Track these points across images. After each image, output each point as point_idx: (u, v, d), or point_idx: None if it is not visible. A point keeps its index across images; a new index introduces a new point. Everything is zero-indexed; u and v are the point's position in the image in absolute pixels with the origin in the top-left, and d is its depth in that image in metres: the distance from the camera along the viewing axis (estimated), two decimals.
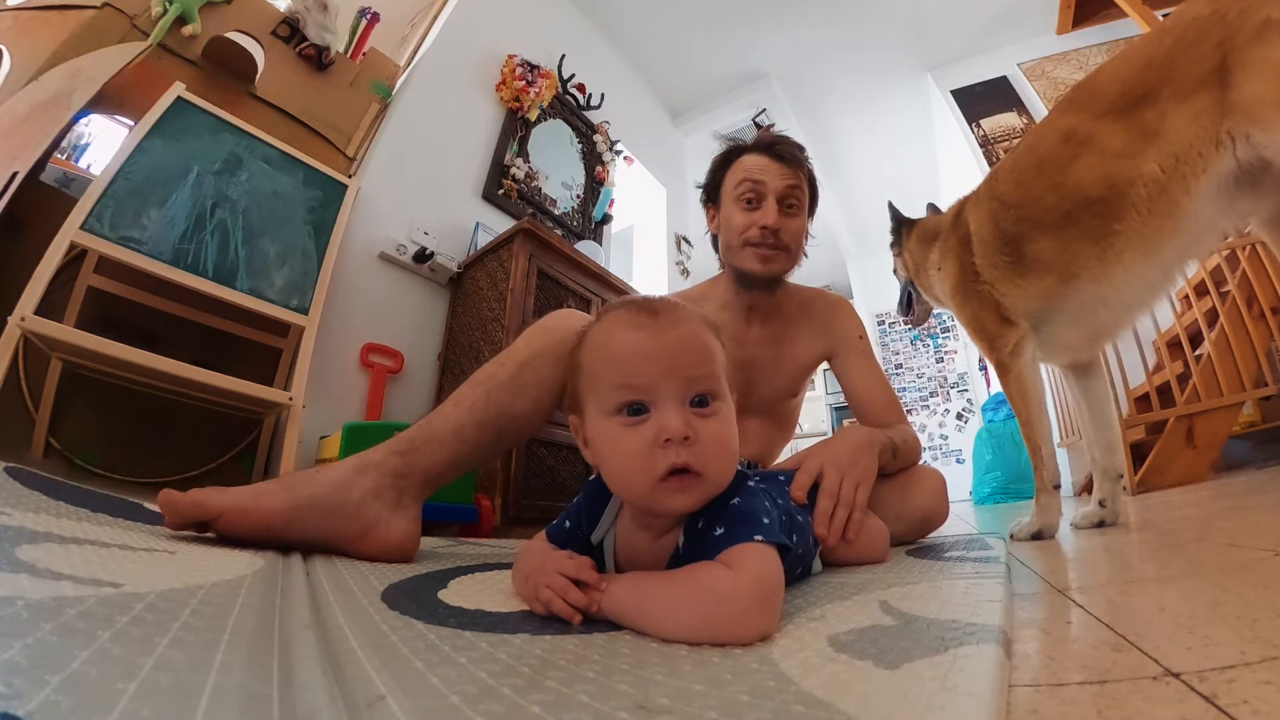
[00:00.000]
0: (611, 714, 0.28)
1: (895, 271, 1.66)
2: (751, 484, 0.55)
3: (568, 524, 0.63)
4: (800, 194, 1.19)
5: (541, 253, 2.35)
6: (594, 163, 3.61)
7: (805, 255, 1.32)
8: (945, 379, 6.01)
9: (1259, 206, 1.02)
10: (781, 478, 0.81)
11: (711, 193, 1.27)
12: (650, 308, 0.55)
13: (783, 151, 1.18)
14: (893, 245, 1.65)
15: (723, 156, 1.25)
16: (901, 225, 1.62)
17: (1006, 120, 3.84)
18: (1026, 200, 1.18)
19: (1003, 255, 1.20)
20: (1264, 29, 0.91)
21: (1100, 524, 1.22)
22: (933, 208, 1.66)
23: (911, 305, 1.65)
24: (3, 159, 1.64)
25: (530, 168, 3.13)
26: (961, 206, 1.36)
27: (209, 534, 0.74)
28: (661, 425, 0.50)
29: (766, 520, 0.50)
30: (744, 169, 1.19)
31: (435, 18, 3.12)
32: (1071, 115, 1.15)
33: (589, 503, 0.62)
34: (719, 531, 0.49)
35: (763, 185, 1.16)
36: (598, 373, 0.54)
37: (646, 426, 0.51)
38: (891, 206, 1.69)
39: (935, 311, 1.67)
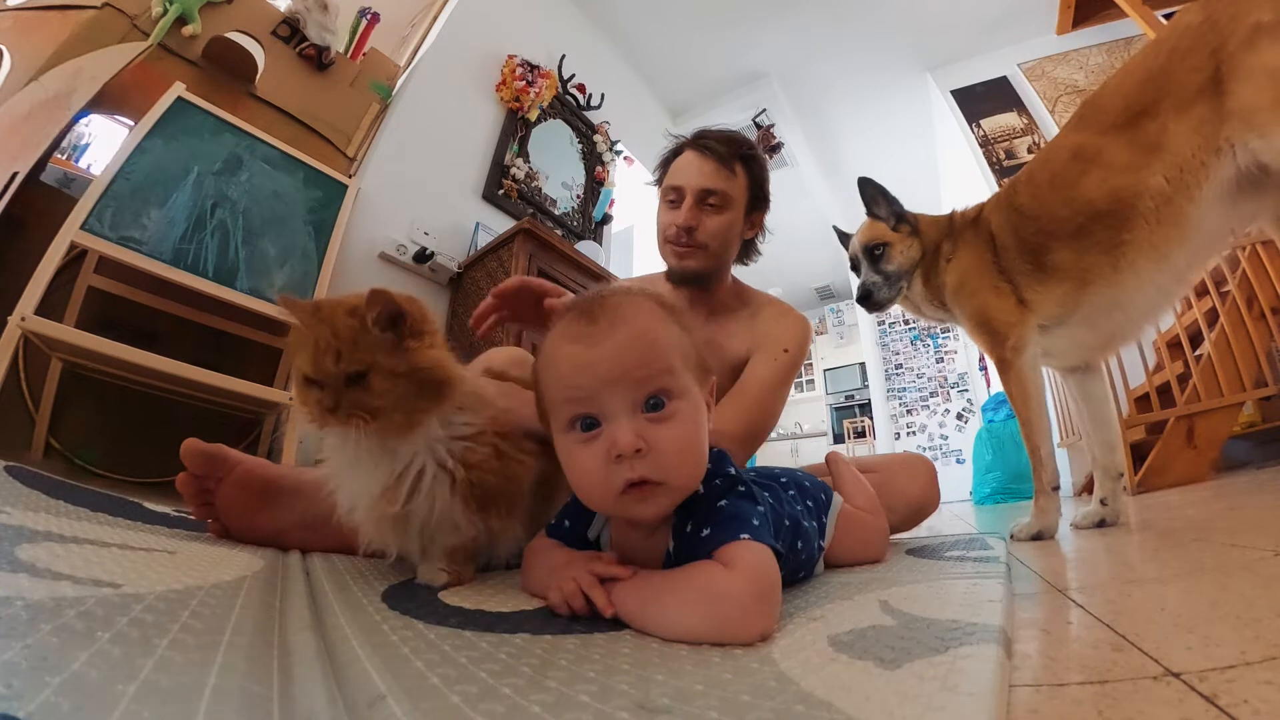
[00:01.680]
0: (612, 714, 0.28)
1: (880, 248, 1.41)
2: (742, 488, 0.54)
3: (567, 523, 0.63)
4: (724, 194, 1.18)
5: (542, 253, 2.36)
6: (594, 163, 3.61)
7: (759, 252, 1.34)
8: (945, 379, 6.00)
9: (1264, 208, 1.03)
10: (808, 484, 0.81)
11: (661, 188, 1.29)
12: (590, 313, 0.52)
13: (709, 147, 1.18)
14: (897, 225, 1.42)
15: (665, 156, 1.27)
16: (904, 210, 1.45)
17: (1007, 120, 3.83)
18: (1043, 214, 1.20)
19: (1025, 263, 1.23)
20: (1254, 34, 0.93)
21: (1101, 523, 1.22)
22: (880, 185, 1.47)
23: (891, 289, 1.42)
24: (3, 159, 1.64)
25: (530, 168, 3.13)
26: (981, 209, 1.36)
27: (210, 519, 0.78)
28: (611, 441, 0.48)
29: (756, 522, 0.50)
30: (672, 171, 1.22)
31: (435, 18, 3.12)
32: (1080, 132, 1.18)
33: (579, 503, 0.62)
34: (706, 532, 0.49)
35: (682, 186, 1.18)
36: (546, 390, 0.54)
37: (599, 442, 0.49)
38: (872, 182, 1.46)
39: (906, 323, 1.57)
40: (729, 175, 1.18)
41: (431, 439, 0.62)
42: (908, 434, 6.04)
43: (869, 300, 1.44)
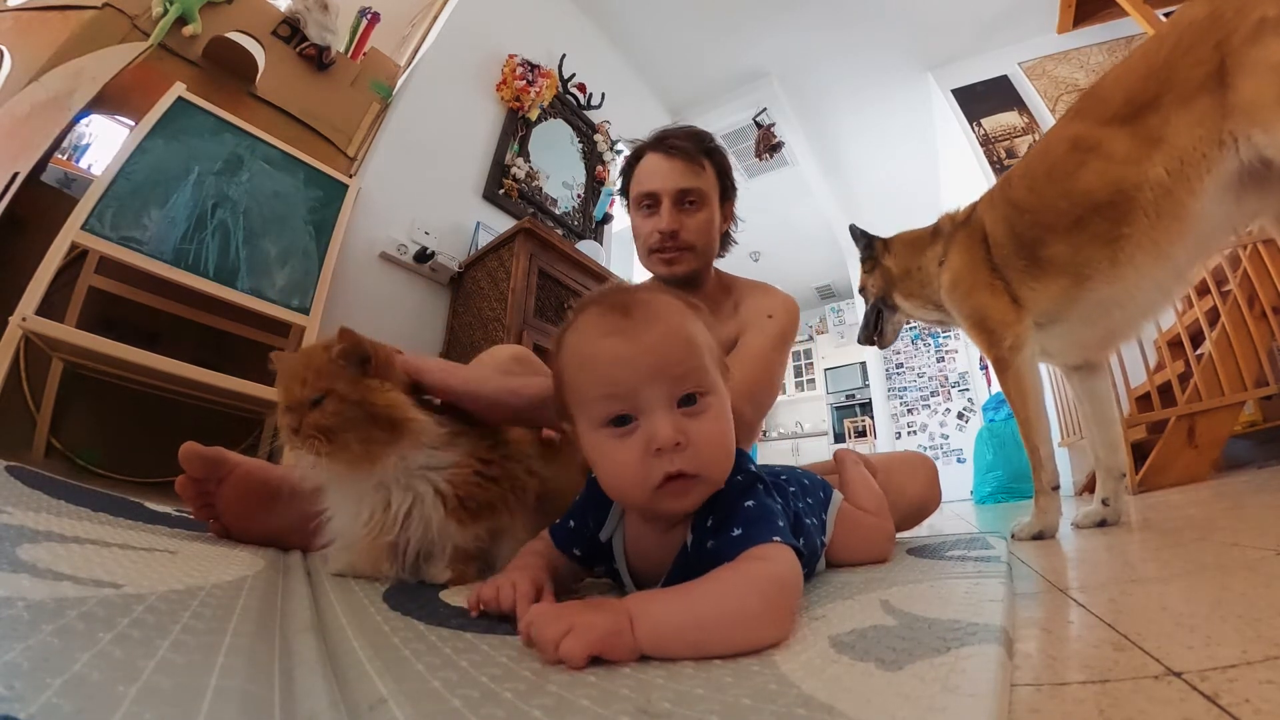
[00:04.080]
0: (613, 719, 0.28)
1: (862, 290, 1.61)
2: (762, 485, 0.55)
3: (571, 523, 0.63)
4: (699, 191, 1.15)
5: (542, 252, 2.35)
6: (594, 162, 3.60)
7: (735, 242, 1.31)
8: (946, 378, 6.00)
9: (1266, 205, 1.02)
10: (807, 481, 0.81)
11: (626, 198, 1.25)
12: (623, 306, 0.53)
13: (675, 145, 1.15)
14: (864, 261, 1.60)
15: (628, 162, 1.23)
16: (873, 241, 1.60)
17: (1007, 119, 3.82)
18: (1039, 206, 1.19)
19: (1019, 259, 1.21)
20: (1260, 29, 0.92)
21: (1102, 523, 1.22)
22: (857, 227, 1.66)
23: (878, 326, 1.60)
24: (4, 159, 1.64)
25: (531, 167, 3.13)
26: (973, 209, 1.36)
27: (211, 519, 0.78)
28: (651, 435, 0.48)
29: (781, 523, 0.50)
30: (639, 177, 1.18)
31: (435, 18, 3.11)
32: (1078, 123, 1.17)
33: (593, 500, 0.62)
34: (737, 532, 0.49)
35: (656, 191, 1.14)
36: (579, 385, 0.53)
37: (636, 437, 0.49)
38: (854, 227, 1.67)
39: (908, 325, 1.67)
40: (699, 171, 1.15)
41: (422, 468, 0.67)
42: (908, 433, 6.04)
43: (861, 342, 1.66)
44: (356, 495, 0.67)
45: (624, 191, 1.25)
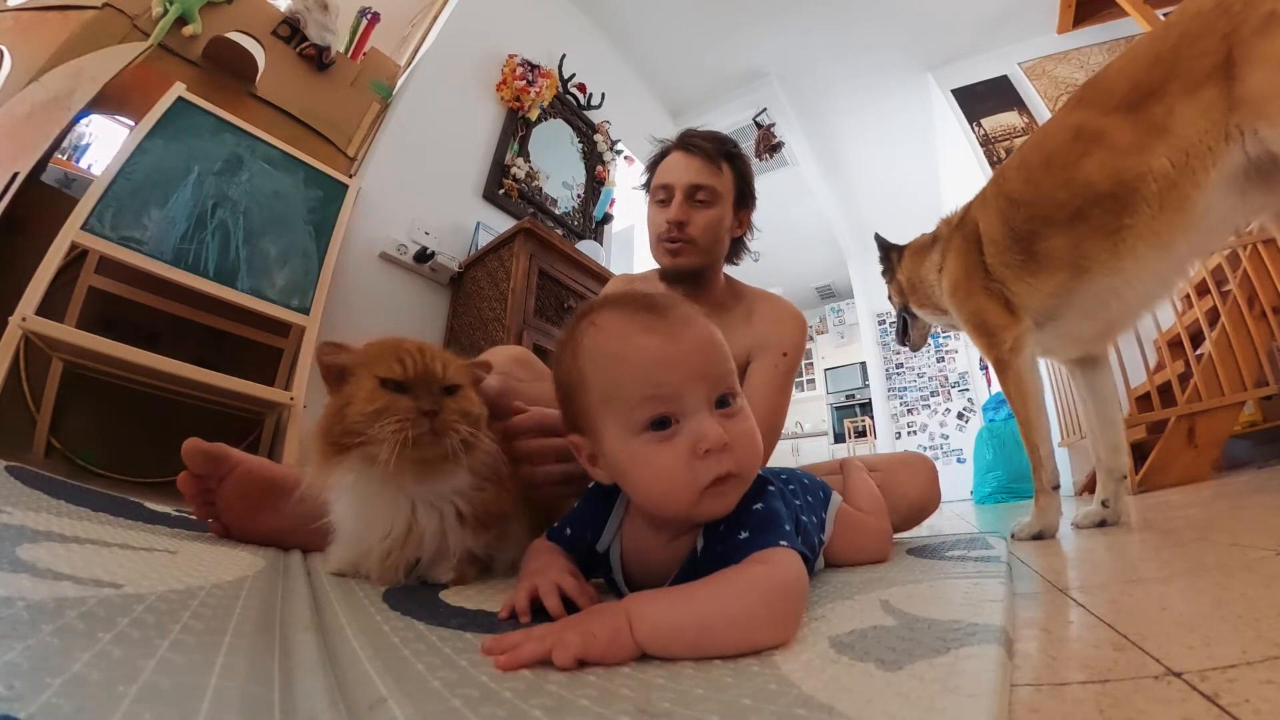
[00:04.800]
0: (613, 719, 0.28)
1: (890, 298, 1.66)
2: (772, 488, 0.54)
3: (568, 531, 0.62)
4: (712, 189, 1.19)
5: (542, 252, 2.35)
6: (594, 162, 3.60)
7: (749, 252, 1.36)
8: (946, 378, 6.00)
9: (1271, 200, 1.00)
10: (807, 481, 0.81)
11: (648, 192, 1.30)
12: (652, 305, 0.51)
13: (695, 144, 1.20)
14: (884, 274, 1.64)
15: (652, 160, 1.29)
16: (890, 251, 1.62)
17: (1007, 119, 3.83)
18: (1036, 198, 1.17)
19: (1014, 254, 1.20)
20: (1269, 21, 0.90)
21: (1102, 523, 1.22)
22: (880, 237, 1.68)
23: (907, 331, 1.65)
24: (4, 159, 1.64)
25: (531, 167, 3.13)
26: (967, 210, 1.36)
27: (211, 519, 0.79)
28: (699, 436, 0.47)
29: (788, 527, 0.50)
30: (660, 172, 1.24)
31: (435, 18, 3.11)
32: (1080, 112, 1.15)
33: (589, 511, 0.61)
34: (743, 535, 0.48)
35: (671, 184, 1.20)
36: (616, 387, 0.50)
37: (680, 440, 0.48)
38: (878, 236, 1.68)
39: (933, 331, 1.67)
40: (716, 171, 1.20)
41: (454, 492, 0.66)
42: (908, 433, 6.04)
43: (898, 344, 1.73)
44: (379, 507, 0.64)
45: (646, 186, 1.30)
